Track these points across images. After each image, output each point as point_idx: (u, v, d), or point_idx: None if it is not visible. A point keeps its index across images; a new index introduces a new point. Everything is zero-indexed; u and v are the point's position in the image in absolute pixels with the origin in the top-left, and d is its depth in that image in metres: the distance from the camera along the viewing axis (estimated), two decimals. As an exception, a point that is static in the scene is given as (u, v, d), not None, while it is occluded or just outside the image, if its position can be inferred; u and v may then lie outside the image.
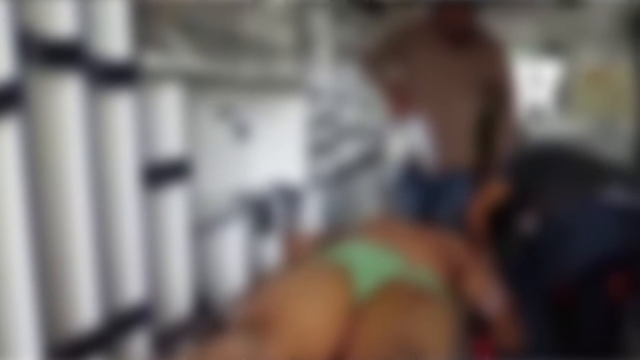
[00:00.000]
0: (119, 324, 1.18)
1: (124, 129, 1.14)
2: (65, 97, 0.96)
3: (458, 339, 1.31)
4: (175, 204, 1.34)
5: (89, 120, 1.02)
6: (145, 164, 1.22)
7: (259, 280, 1.64)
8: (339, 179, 2.36)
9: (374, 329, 1.16)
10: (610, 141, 2.78)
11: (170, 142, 1.32)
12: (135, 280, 1.21)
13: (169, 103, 1.29)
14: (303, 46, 2.01)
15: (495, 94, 2.15)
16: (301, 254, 1.65)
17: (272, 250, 1.80)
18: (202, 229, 1.55)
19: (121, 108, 1.13)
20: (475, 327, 1.55)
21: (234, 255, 1.63)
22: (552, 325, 1.98)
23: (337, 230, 1.95)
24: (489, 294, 1.49)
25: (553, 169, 2.01)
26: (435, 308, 1.24)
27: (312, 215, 2.04)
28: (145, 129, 1.22)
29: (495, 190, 2.01)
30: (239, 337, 1.07)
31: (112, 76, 1.09)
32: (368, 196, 2.49)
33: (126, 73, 1.12)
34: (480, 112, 2.18)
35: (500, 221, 2.07)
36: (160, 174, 1.30)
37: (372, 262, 1.36)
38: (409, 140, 2.07)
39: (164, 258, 1.34)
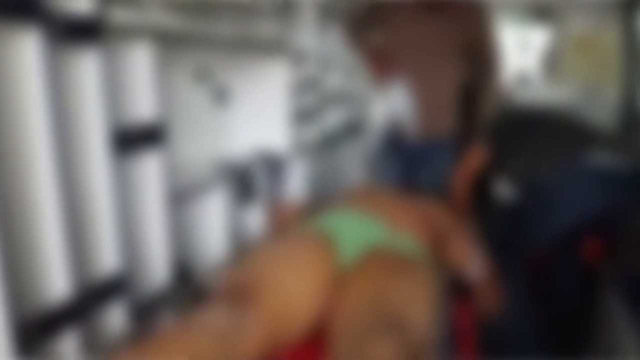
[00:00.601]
0: (94, 295, 1.13)
1: (91, 90, 1.07)
2: (22, 53, 0.89)
3: (440, 304, 1.29)
4: (149, 171, 1.28)
5: (50, 80, 0.94)
6: (116, 128, 1.16)
7: (242, 250, 1.61)
8: (324, 147, 2.31)
9: (357, 296, 1.14)
10: (597, 108, 2.76)
11: (143, 105, 1.25)
12: (110, 250, 1.16)
13: (139, 62, 1.22)
14: (286, 6, 1.92)
15: (478, 58, 2.10)
16: (286, 223, 1.62)
17: (254, 220, 1.76)
18: (182, 198, 1.50)
19: (86, 67, 1.05)
20: (457, 292, 1.54)
21: (215, 225, 1.59)
22: (530, 290, 1.99)
23: (322, 199, 1.92)
24: (471, 261, 1.48)
25: (536, 134, 1.99)
26: (418, 275, 1.22)
27: (296, 184, 1.99)
28: (114, 90, 1.15)
29: (479, 157, 1.99)
30: (221, 308, 1.04)
31: (74, 32, 1.01)
32: (353, 164, 2.45)
33: (90, 28, 1.04)
34: (463, 77, 2.14)
35: (483, 187, 2.06)
36: (133, 139, 1.24)
37: (355, 230, 1.33)
38: (391, 106, 2.02)
39: (140, 227, 1.29)
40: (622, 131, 2.72)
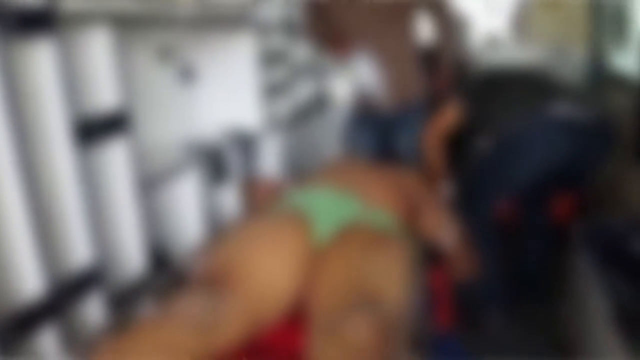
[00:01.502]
0: (69, 289, 1.12)
1: (48, 81, 1.02)
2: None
3: (415, 273, 1.33)
4: (116, 159, 1.26)
5: (2, 73, 0.90)
6: (78, 118, 1.12)
7: (218, 232, 1.61)
8: (297, 122, 2.28)
9: (333, 274, 1.15)
10: (565, 66, 2.80)
11: (105, 93, 1.21)
12: (81, 242, 1.15)
13: (98, 50, 1.17)
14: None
15: (435, 18, 2.08)
16: (262, 201, 1.62)
17: (229, 200, 1.75)
18: (153, 183, 1.48)
19: (41, 58, 1.00)
20: (431, 259, 1.58)
21: (189, 208, 1.57)
22: (500, 249, 2.05)
23: (297, 175, 1.91)
24: (444, 229, 1.51)
25: (505, 92, 2.00)
26: (392, 248, 1.24)
27: (270, 161, 1.98)
28: (74, 80, 1.11)
29: (449, 116, 1.99)
30: (198, 294, 1.05)
31: (26, 23, 0.96)
32: (326, 138, 2.44)
33: (42, 18, 0.99)
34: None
35: (457, 147, 2.08)
36: (96, 129, 1.20)
37: (330, 207, 1.34)
38: (357, 78, 2.01)
39: (112, 217, 1.28)
40: (590, 87, 2.77)
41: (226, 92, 1.89)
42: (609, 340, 1.43)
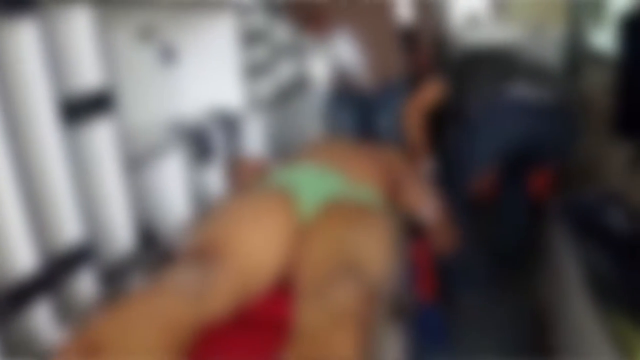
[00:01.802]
0: (61, 265, 1.15)
1: (32, 61, 1.03)
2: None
3: (398, 246, 1.38)
4: (102, 138, 1.27)
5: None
6: (63, 97, 1.14)
7: (205, 210, 1.64)
8: (279, 102, 2.30)
9: (319, 246, 1.20)
10: (543, 44, 2.84)
11: (88, 73, 1.22)
12: (71, 219, 1.17)
13: (79, 29, 1.17)
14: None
15: None
16: (247, 180, 1.65)
17: (214, 179, 1.77)
18: (138, 162, 1.50)
19: (23, 38, 1.01)
20: (414, 233, 1.64)
21: (174, 187, 1.60)
22: (478, 223, 2.12)
23: (281, 154, 1.94)
24: (425, 203, 1.56)
25: (482, 70, 2.05)
26: (375, 222, 1.29)
27: (254, 141, 2.00)
28: (57, 59, 1.12)
29: (428, 93, 2.03)
30: (189, 267, 1.09)
31: (7, 3, 0.97)
32: (308, 118, 2.46)
33: (23, -2, 1.00)
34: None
35: (438, 124, 2.13)
36: (81, 108, 1.21)
37: (315, 183, 1.38)
38: (337, 58, 2.02)
39: (99, 195, 1.30)
40: (568, 65, 2.82)
41: (208, 72, 1.90)
42: (581, 306, 1.50)
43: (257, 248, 1.18)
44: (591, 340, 1.39)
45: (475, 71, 2.05)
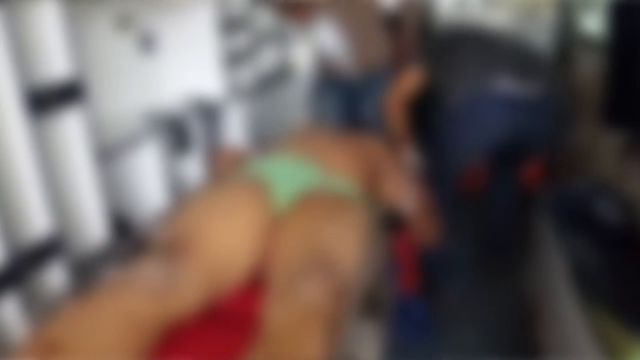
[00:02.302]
0: (28, 258, 1.13)
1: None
2: None
3: (374, 237, 1.36)
4: (72, 129, 1.25)
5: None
6: (31, 88, 1.11)
7: (182, 201, 1.61)
8: (261, 90, 2.26)
9: (291, 239, 1.18)
10: (533, 30, 2.80)
11: (57, 63, 1.18)
12: (39, 212, 1.15)
13: (47, 18, 1.14)
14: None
15: None
16: (225, 170, 1.62)
17: (193, 170, 1.75)
18: (114, 152, 1.47)
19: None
20: (395, 225, 1.61)
21: (151, 177, 1.57)
22: (468, 214, 2.09)
23: (262, 144, 1.91)
24: (405, 195, 1.53)
25: (461, 61, 2.01)
26: (350, 213, 1.27)
27: (234, 131, 1.97)
28: (25, 49, 1.09)
29: (409, 79, 1.99)
30: (156, 259, 1.06)
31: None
32: (292, 107, 2.43)
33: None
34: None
35: (421, 112, 2.09)
36: (50, 98, 1.19)
37: (290, 175, 1.36)
38: (321, 45, 1.98)
39: (70, 187, 1.27)
40: (559, 52, 2.78)
41: (188, 60, 1.86)
42: (566, 302, 1.47)
43: (228, 242, 1.16)
44: (576, 338, 1.35)
45: (460, 60, 2.01)
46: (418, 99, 2.02)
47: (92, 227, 1.31)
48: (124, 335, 0.90)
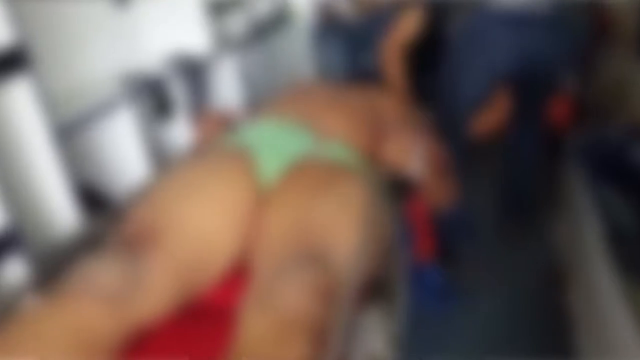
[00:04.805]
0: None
1: None
2: None
3: (380, 212, 1.18)
4: (20, 101, 1.08)
5: None
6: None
7: (164, 173, 1.45)
8: (255, 40, 2.03)
9: (278, 221, 1.02)
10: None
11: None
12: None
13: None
14: None
15: None
16: (210, 137, 1.44)
17: (178, 136, 1.57)
18: (85, 121, 1.31)
19: None
20: (403, 191, 1.43)
21: (128, 146, 1.41)
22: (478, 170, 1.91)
23: (256, 104, 1.72)
24: (412, 157, 1.34)
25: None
26: (347, 185, 1.09)
27: (226, 90, 1.76)
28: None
29: (406, 24, 1.74)
30: (113, 258, 0.90)
31: None
32: (292, 58, 2.20)
33: None
34: None
35: (424, 61, 1.85)
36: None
37: (277, 142, 1.17)
38: None
39: (25, 169, 1.12)
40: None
41: (167, 11, 1.64)
42: (600, 270, 1.33)
43: (205, 228, 0.99)
44: (611, 310, 1.22)
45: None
46: (421, 45, 1.77)
47: (57, 213, 1.17)
48: (71, 356, 0.75)
